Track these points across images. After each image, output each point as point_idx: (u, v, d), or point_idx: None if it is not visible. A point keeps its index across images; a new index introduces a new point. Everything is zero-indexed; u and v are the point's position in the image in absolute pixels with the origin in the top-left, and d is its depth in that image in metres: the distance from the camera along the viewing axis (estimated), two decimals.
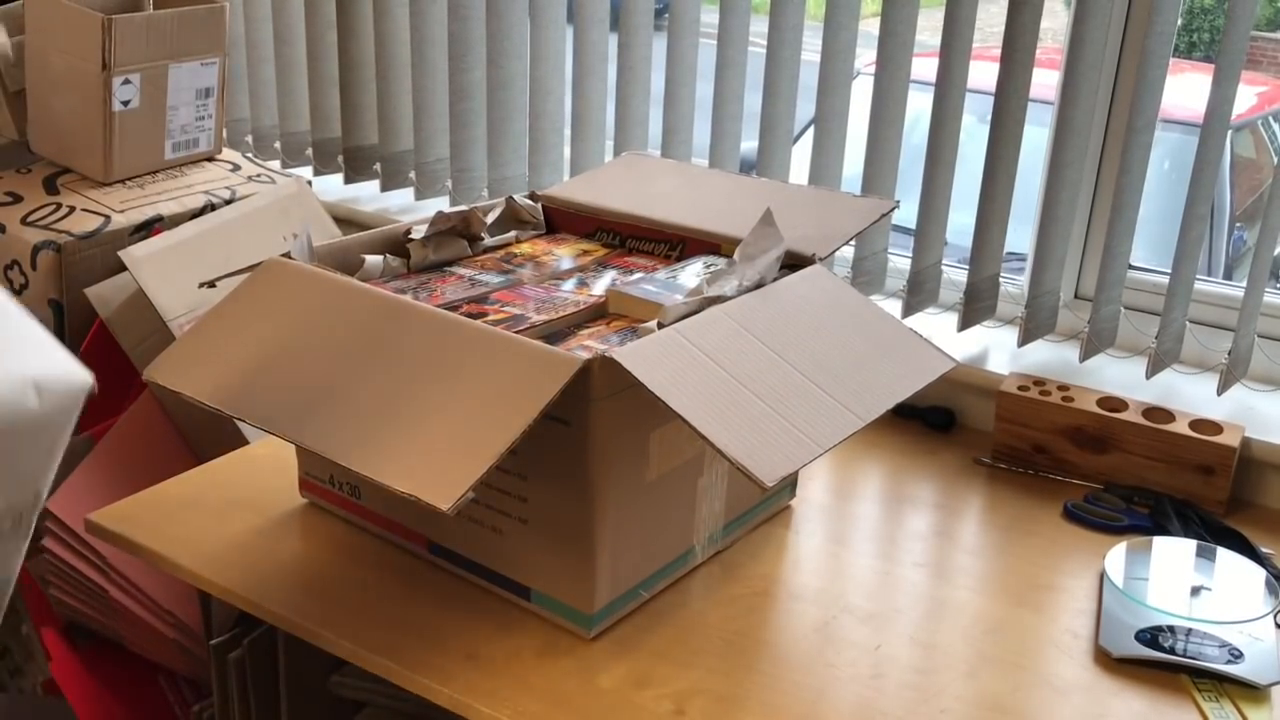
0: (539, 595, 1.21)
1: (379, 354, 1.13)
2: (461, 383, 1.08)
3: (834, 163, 1.75)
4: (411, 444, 1.04)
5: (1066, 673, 1.18)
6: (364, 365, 1.12)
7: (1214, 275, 2.83)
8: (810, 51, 1.68)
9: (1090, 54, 1.55)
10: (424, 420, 1.06)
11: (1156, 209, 1.68)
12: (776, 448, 1.03)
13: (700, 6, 1.80)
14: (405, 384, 1.09)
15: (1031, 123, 1.61)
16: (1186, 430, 1.47)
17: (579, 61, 1.89)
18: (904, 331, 1.28)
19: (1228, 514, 1.46)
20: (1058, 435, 1.53)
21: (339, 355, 1.15)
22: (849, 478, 1.54)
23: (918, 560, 1.36)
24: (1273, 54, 5.01)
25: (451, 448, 1.03)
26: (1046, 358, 1.68)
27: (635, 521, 1.19)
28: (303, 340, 1.18)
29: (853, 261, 1.77)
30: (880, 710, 1.12)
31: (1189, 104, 2.43)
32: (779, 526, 1.41)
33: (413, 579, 1.27)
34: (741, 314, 1.17)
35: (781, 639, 1.22)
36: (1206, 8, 4.93)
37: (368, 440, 1.05)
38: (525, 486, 1.17)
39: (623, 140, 1.89)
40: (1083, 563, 1.35)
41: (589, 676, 1.14)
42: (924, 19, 1.69)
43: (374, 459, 1.04)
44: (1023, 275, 1.74)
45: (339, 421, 1.08)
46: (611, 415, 1.11)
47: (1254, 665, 1.16)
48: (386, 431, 1.06)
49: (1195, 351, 1.62)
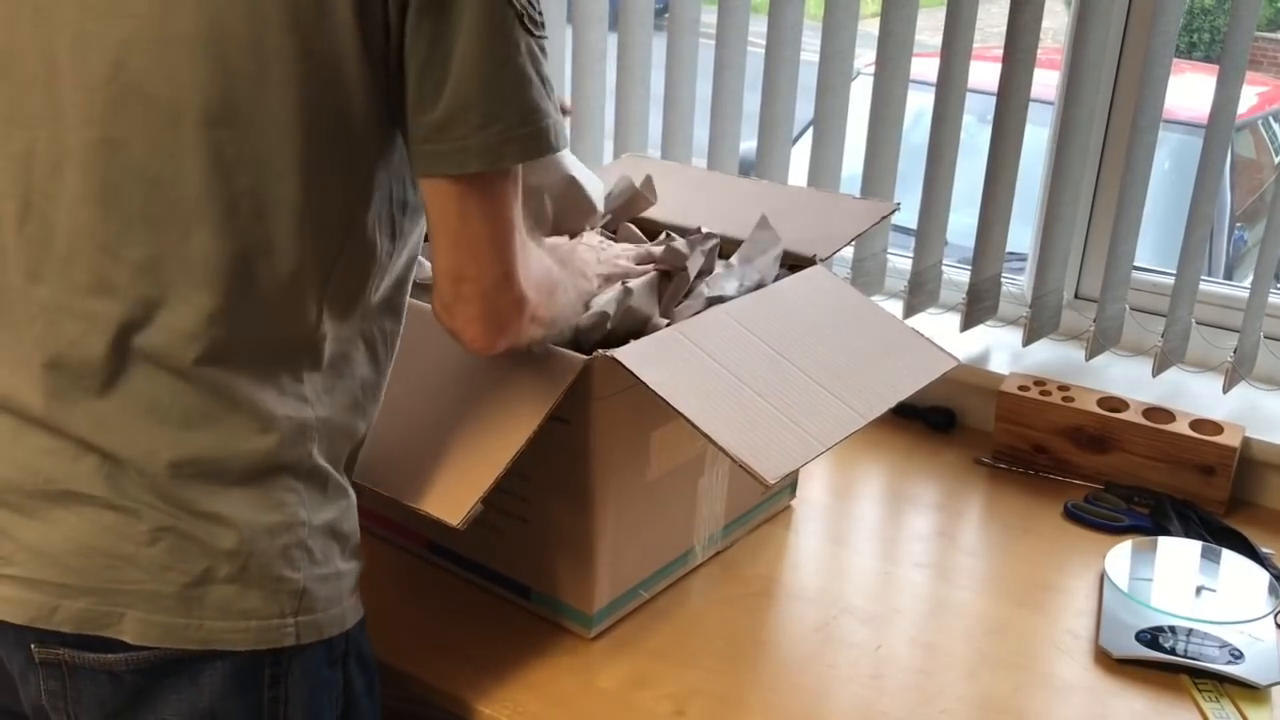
0: (539, 595, 1.21)
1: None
2: (464, 388, 1.08)
3: (833, 163, 1.74)
4: (417, 455, 1.04)
5: (1067, 673, 1.17)
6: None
7: (1214, 275, 2.82)
8: (809, 51, 1.68)
9: (1091, 53, 1.54)
10: (428, 429, 1.06)
11: (1156, 209, 1.67)
12: (778, 446, 1.03)
13: (700, 6, 1.79)
14: (408, 390, 1.09)
15: (1032, 123, 1.61)
16: (1187, 430, 1.47)
17: (578, 61, 1.89)
18: (905, 331, 1.28)
19: (1228, 514, 1.46)
20: (1058, 435, 1.53)
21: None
22: (849, 478, 1.53)
23: (918, 560, 1.36)
24: (1273, 54, 5.01)
25: (457, 458, 1.04)
26: (1050, 357, 1.68)
27: (635, 521, 1.19)
28: None
29: (853, 262, 1.77)
30: (880, 711, 1.11)
31: (1189, 104, 2.43)
32: (779, 526, 1.41)
33: (413, 579, 1.27)
34: (742, 314, 1.17)
35: (781, 639, 1.22)
36: (1207, 8, 4.93)
37: (375, 451, 1.05)
38: (525, 486, 1.16)
39: (623, 140, 1.89)
40: (1083, 563, 1.35)
41: (589, 676, 1.14)
42: (924, 19, 1.68)
43: (383, 473, 1.05)
44: (1023, 275, 1.74)
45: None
46: (612, 415, 1.11)
47: (1254, 665, 1.16)
48: (393, 442, 1.06)
49: (1200, 351, 1.62)
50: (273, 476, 0.89)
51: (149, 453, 0.86)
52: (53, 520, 0.87)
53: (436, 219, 0.91)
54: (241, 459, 0.88)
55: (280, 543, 0.89)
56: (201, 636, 0.87)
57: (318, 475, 0.92)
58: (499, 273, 0.91)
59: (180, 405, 0.87)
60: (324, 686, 0.94)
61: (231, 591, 0.87)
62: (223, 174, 0.85)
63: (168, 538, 0.87)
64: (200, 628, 0.87)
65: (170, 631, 0.87)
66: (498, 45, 0.86)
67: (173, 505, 0.87)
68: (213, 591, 0.87)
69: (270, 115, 0.84)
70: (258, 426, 0.88)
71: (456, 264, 0.91)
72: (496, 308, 0.92)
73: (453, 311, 0.93)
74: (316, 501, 0.92)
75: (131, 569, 0.86)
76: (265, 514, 0.89)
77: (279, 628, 0.89)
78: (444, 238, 0.91)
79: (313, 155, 0.86)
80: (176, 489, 0.87)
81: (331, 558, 0.93)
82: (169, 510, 0.87)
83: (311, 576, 0.91)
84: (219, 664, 0.88)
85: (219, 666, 0.88)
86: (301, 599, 0.90)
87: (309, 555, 0.91)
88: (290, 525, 0.90)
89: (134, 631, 0.86)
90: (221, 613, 0.87)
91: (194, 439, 0.87)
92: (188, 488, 0.87)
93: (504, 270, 0.91)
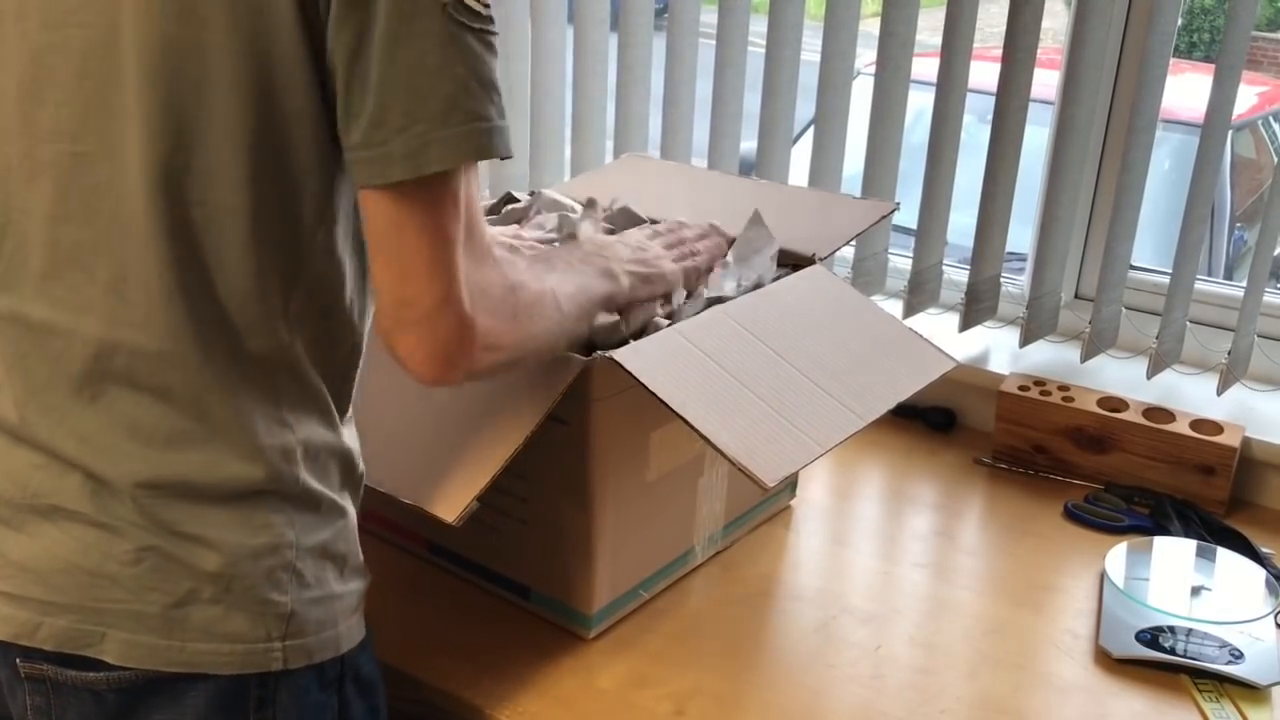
0: (539, 595, 1.21)
1: (380, 356, 1.13)
2: (463, 389, 1.08)
3: (834, 163, 1.74)
4: (415, 453, 1.04)
5: (1067, 673, 1.17)
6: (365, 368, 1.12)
7: (1214, 275, 2.83)
8: (810, 51, 1.68)
9: (1091, 54, 1.54)
10: (426, 427, 1.06)
11: (1157, 209, 1.67)
12: (777, 448, 1.03)
13: (700, 6, 1.79)
14: (407, 390, 1.08)
15: (1032, 123, 1.61)
16: (1187, 430, 1.47)
17: (579, 61, 1.89)
18: (905, 331, 1.28)
19: (1228, 514, 1.46)
20: (1058, 435, 1.53)
21: None
22: (849, 478, 1.53)
23: (918, 560, 1.36)
24: (1273, 54, 5.01)
25: (455, 457, 1.03)
26: (1048, 358, 1.68)
27: (635, 521, 1.19)
28: None
29: (853, 262, 1.77)
30: (880, 711, 1.11)
31: (1189, 104, 2.43)
32: (779, 526, 1.41)
33: (413, 579, 1.27)
34: (742, 314, 1.17)
35: (781, 639, 1.22)
36: (1207, 8, 4.93)
37: (370, 448, 1.05)
38: (525, 486, 1.16)
39: (623, 140, 1.89)
40: (1083, 563, 1.35)
41: (589, 676, 1.14)
42: (924, 19, 1.68)
43: (380, 470, 1.05)
44: (1023, 275, 1.74)
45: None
46: (611, 415, 1.11)
47: (1254, 665, 1.16)
48: (389, 439, 1.06)
49: (1196, 351, 1.62)
50: (257, 499, 0.88)
51: (131, 472, 0.85)
52: (39, 535, 0.87)
53: (370, 234, 0.84)
54: (226, 483, 0.86)
55: (265, 565, 0.87)
56: (184, 659, 0.86)
57: (308, 497, 0.91)
58: (438, 295, 0.83)
59: (161, 426, 0.86)
60: (315, 711, 0.91)
61: (215, 613, 0.86)
62: (172, 185, 0.82)
63: (151, 558, 0.85)
64: (183, 649, 0.86)
65: (153, 653, 0.86)
66: (415, 39, 0.79)
67: (156, 525, 0.86)
68: (196, 613, 0.86)
69: (216, 123, 0.81)
70: (241, 451, 0.87)
71: (392, 285, 0.84)
72: (438, 335, 0.84)
73: (394, 339, 0.85)
74: (307, 523, 0.90)
75: (114, 588, 0.85)
76: (250, 536, 0.87)
77: (265, 651, 0.88)
78: (379, 256, 0.84)
79: (262, 164, 0.83)
80: (159, 509, 0.86)
81: (325, 580, 0.91)
82: (152, 530, 0.86)
83: (300, 600, 0.89)
84: (203, 685, 0.87)
85: (203, 688, 0.87)
86: (289, 622, 0.88)
87: (297, 578, 0.89)
88: (276, 548, 0.88)
89: (116, 652, 0.85)
90: (205, 635, 0.86)
91: (176, 460, 0.86)
92: (170, 508, 0.86)
93: (443, 292, 0.83)
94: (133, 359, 0.85)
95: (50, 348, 0.87)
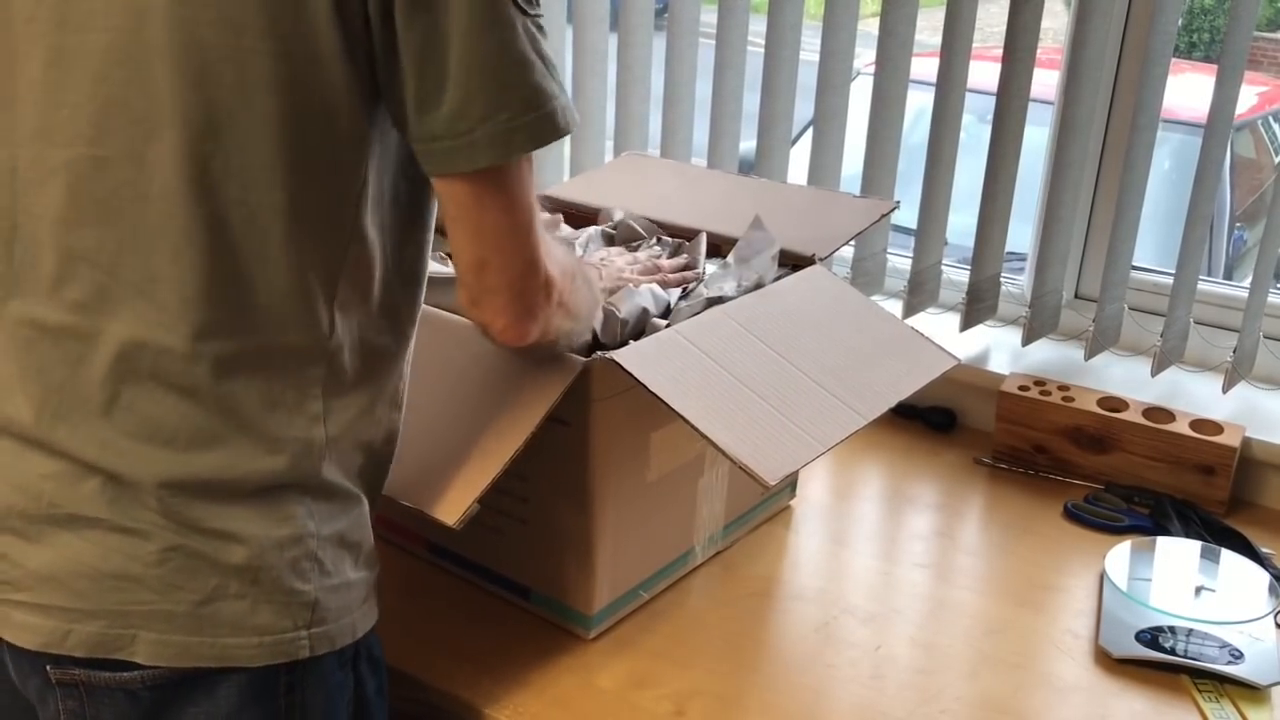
0: (539, 595, 1.21)
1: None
2: (463, 390, 1.08)
3: (833, 162, 1.74)
4: (415, 455, 1.04)
5: (1067, 673, 1.17)
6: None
7: (1214, 275, 2.82)
8: (809, 51, 1.68)
9: (1091, 53, 1.54)
10: (426, 429, 1.06)
11: (1157, 210, 1.67)
12: (778, 447, 1.03)
13: (700, 6, 1.79)
14: (408, 391, 1.09)
15: (1032, 122, 1.61)
16: (1187, 430, 1.47)
17: (579, 61, 1.89)
18: (905, 330, 1.28)
19: (1228, 514, 1.46)
20: (1058, 435, 1.53)
21: None
22: (849, 478, 1.53)
23: (918, 560, 1.36)
24: (1273, 54, 5.01)
25: (455, 458, 1.03)
26: (1049, 357, 1.68)
27: (635, 522, 1.19)
28: None
29: (853, 261, 1.77)
30: (880, 711, 1.11)
31: (1190, 104, 2.43)
32: (779, 526, 1.41)
33: (413, 579, 1.27)
34: (742, 314, 1.17)
35: (781, 639, 1.22)
36: (1207, 8, 4.93)
37: None
38: (525, 487, 1.16)
39: (622, 140, 1.89)
40: (1083, 563, 1.35)
41: (589, 676, 1.14)
42: (924, 19, 1.68)
43: None
44: (1023, 275, 1.74)
45: None
46: (611, 416, 1.11)
47: (1254, 665, 1.16)
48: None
49: (1199, 351, 1.62)
50: (280, 491, 0.89)
51: (154, 473, 0.86)
52: (58, 545, 0.87)
53: (455, 214, 0.88)
54: (249, 477, 0.87)
55: (290, 555, 0.89)
56: (215, 654, 0.87)
57: (326, 488, 0.92)
58: (524, 260, 0.90)
59: (185, 425, 0.86)
60: (337, 690, 0.94)
61: (243, 607, 0.87)
62: (210, 186, 0.83)
63: (176, 557, 0.86)
64: (214, 644, 0.87)
65: (185, 650, 0.87)
66: (493, 31, 0.83)
67: (180, 524, 0.86)
68: (224, 608, 0.87)
69: (254, 123, 0.83)
70: (265, 448, 0.87)
71: (479, 256, 0.89)
72: (524, 294, 0.91)
73: (480, 303, 0.91)
74: (325, 512, 0.91)
75: (141, 590, 0.86)
76: (274, 528, 0.88)
77: (293, 641, 0.89)
78: (464, 232, 0.89)
79: (300, 160, 0.84)
80: (183, 508, 0.86)
81: (342, 568, 0.92)
82: (176, 529, 0.86)
83: (323, 587, 0.90)
84: (235, 677, 0.88)
85: (235, 679, 0.88)
86: (314, 611, 0.90)
87: (319, 566, 0.90)
88: (299, 538, 0.89)
89: (147, 653, 0.86)
90: (234, 629, 0.87)
91: (200, 459, 0.86)
92: (194, 506, 0.86)
93: (529, 257, 0.90)
94: (159, 359, 0.85)
95: (68, 351, 0.86)
